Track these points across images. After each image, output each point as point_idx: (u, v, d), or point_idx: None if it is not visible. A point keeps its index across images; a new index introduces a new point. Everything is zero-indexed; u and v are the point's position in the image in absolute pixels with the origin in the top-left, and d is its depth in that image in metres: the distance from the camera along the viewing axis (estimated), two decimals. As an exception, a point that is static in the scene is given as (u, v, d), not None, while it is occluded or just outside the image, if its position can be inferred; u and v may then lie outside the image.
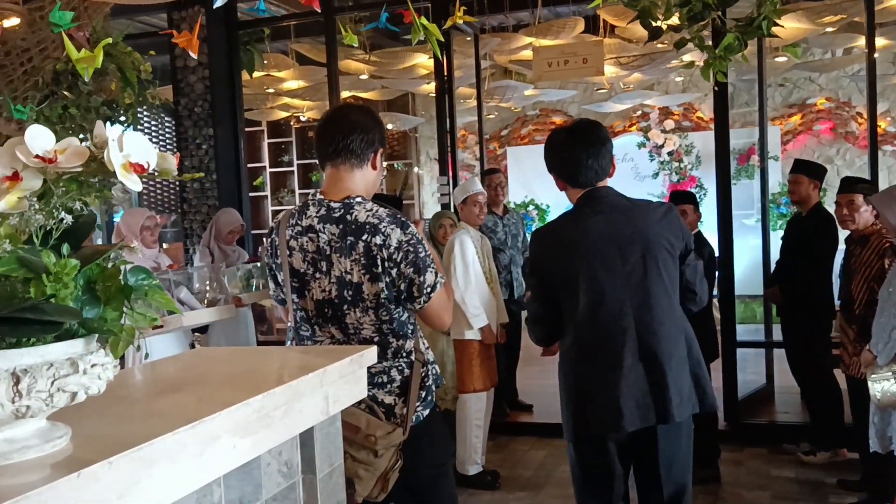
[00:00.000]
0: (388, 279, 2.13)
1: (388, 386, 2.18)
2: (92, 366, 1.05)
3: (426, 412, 2.25)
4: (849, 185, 3.97)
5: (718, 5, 2.35)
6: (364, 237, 2.12)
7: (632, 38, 7.03)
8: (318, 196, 2.22)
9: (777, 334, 5.16)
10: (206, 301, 4.12)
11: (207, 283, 4.21)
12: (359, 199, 2.18)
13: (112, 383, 1.22)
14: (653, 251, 2.40)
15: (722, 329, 4.91)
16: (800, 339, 4.62)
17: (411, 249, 2.12)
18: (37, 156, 0.99)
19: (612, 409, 2.37)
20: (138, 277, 1.14)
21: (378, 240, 2.11)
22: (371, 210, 2.16)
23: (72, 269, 1.01)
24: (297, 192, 11.39)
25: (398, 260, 2.11)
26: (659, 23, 2.46)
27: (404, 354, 2.21)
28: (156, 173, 1.06)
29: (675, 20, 2.53)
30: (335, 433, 1.71)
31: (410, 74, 7.95)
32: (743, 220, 8.69)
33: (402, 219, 2.16)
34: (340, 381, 1.62)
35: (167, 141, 7.97)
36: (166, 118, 8.54)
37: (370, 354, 1.74)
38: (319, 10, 2.27)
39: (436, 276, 2.16)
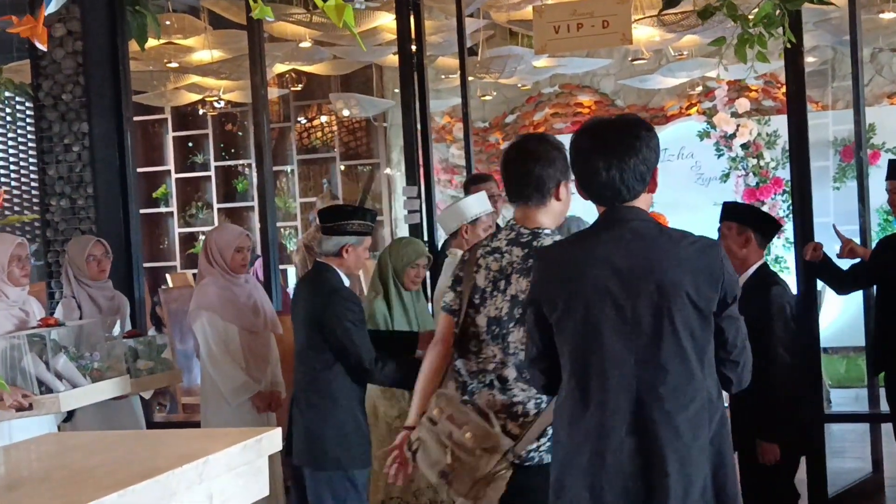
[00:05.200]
0: None
1: (521, 419, 3.02)
2: None
3: (548, 456, 2.91)
4: None
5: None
6: None
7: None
8: (513, 222, 3.24)
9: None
10: (89, 374, 4.24)
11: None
12: (548, 232, 3.17)
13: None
14: (669, 299, 2.57)
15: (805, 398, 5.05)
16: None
17: None
18: None
19: (593, 494, 2.58)
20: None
21: None
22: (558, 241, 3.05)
23: None
24: (216, 206, 11.43)
25: None
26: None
27: None
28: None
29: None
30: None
31: (372, 40, 8.05)
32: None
33: None
34: (230, 474, 1.79)
35: (24, 140, 8.18)
36: (19, 107, 8.73)
37: (273, 438, 1.91)
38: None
39: None
